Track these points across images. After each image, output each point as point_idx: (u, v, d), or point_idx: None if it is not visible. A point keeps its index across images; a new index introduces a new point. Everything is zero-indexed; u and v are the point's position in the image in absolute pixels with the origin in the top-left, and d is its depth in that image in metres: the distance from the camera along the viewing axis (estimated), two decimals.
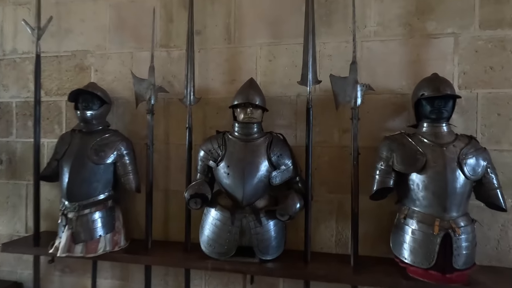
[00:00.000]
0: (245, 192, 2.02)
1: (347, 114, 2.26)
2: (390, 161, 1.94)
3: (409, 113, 2.20)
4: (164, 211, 2.56)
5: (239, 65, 2.43)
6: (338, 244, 2.31)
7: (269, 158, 2.07)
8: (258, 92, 2.15)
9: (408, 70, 2.20)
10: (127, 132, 2.57)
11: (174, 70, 2.54)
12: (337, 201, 2.31)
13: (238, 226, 2.02)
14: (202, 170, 2.19)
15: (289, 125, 2.36)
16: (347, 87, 2.06)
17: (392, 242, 1.99)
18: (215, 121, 2.46)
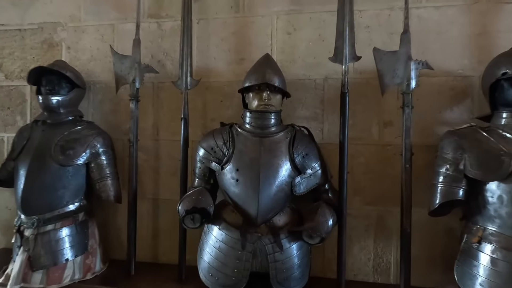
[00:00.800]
0: (261, 205, 1.49)
1: (389, 102, 1.75)
2: (460, 164, 1.42)
3: (472, 101, 1.68)
4: (153, 226, 2.03)
5: (249, 39, 1.91)
6: (376, 271, 1.79)
7: (292, 159, 1.55)
8: (277, 71, 1.63)
9: (472, 45, 1.69)
10: (106, 125, 2.03)
11: (166, 46, 2.01)
12: (375, 215, 1.79)
13: (250, 251, 1.49)
14: (201, 175, 1.65)
15: (313, 117, 1.84)
16: (397, 65, 1.54)
17: (458, 274, 1.47)
18: (218, 111, 1.93)
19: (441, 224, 1.69)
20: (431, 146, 1.68)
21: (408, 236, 1.53)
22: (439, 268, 1.70)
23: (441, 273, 1.70)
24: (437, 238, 1.71)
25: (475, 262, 1.41)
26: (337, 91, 1.78)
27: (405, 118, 1.53)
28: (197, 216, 1.44)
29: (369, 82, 1.77)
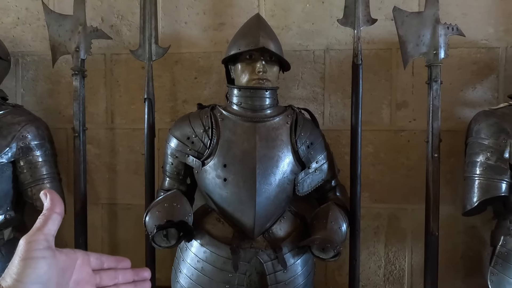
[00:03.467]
0: (258, 212, 1.13)
1: (403, 78, 1.45)
2: (505, 151, 1.15)
3: (497, 77, 1.43)
4: (109, 238, 1.59)
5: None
6: (388, 279, 1.51)
7: (295, 150, 1.20)
8: (273, 35, 1.25)
9: (497, 11, 1.43)
10: (42, 110, 1.55)
11: (122, 6, 1.55)
12: (387, 215, 1.50)
13: (244, 272, 1.13)
14: (174, 173, 1.25)
15: (312, 97, 1.50)
16: (423, 30, 1.23)
17: (494, 283, 1.22)
18: (192, 91, 1.53)
19: (460, 222, 1.44)
20: (452, 131, 1.42)
21: (436, 243, 1.25)
22: (460, 274, 1.46)
23: (463, 278, 1.46)
24: (457, 238, 1.46)
25: None
26: (341, 65, 1.47)
27: (432, 96, 1.24)
28: (173, 232, 1.04)
29: (378, 54, 1.46)
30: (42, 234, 0.45)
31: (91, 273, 0.52)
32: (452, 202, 1.43)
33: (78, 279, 0.49)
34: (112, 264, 0.55)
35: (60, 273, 0.47)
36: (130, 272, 0.56)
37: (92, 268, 0.52)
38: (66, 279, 0.48)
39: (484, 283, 1.26)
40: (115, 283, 0.54)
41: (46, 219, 0.47)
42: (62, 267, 0.47)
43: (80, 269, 0.50)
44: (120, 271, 0.55)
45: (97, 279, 0.52)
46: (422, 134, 1.36)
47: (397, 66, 1.44)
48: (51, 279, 0.45)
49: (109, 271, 0.54)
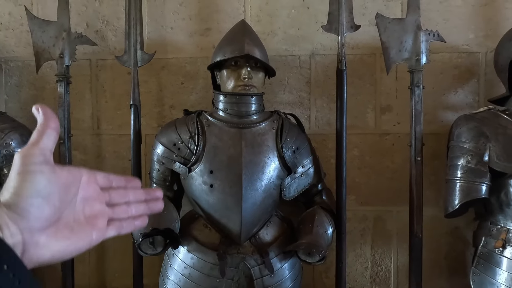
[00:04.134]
0: (245, 217, 1.14)
1: (387, 83, 1.48)
2: (484, 155, 1.18)
3: (478, 81, 1.47)
4: (96, 246, 1.57)
5: (216, 5, 1.51)
6: (375, 280, 1.54)
7: (281, 155, 1.21)
8: (258, 41, 1.26)
9: (477, 17, 1.46)
10: (26, 117, 1.54)
11: (107, 12, 1.54)
12: (372, 217, 1.52)
13: (231, 277, 1.13)
14: (161, 180, 1.25)
15: (298, 102, 1.51)
16: (405, 36, 1.26)
17: (476, 283, 1.25)
18: (178, 96, 1.53)
19: (444, 223, 1.47)
20: (435, 134, 1.45)
21: (420, 244, 1.28)
22: (444, 273, 1.49)
23: (447, 278, 1.49)
24: (441, 239, 1.49)
25: (499, 270, 1.20)
26: (326, 70, 1.49)
27: (414, 101, 1.27)
28: (159, 239, 1.04)
29: (363, 59, 1.49)
30: (38, 148, 0.42)
31: (99, 191, 0.49)
32: (436, 203, 1.46)
33: (85, 196, 0.46)
34: (121, 183, 0.52)
35: (63, 189, 0.43)
36: (141, 191, 0.53)
37: (100, 186, 0.49)
38: (70, 196, 0.45)
39: (467, 282, 1.29)
40: (126, 201, 0.51)
41: (40, 134, 0.43)
42: (64, 183, 0.44)
43: (87, 187, 0.47)
44: (130, 190, 0.52)
45: (106, 197, 0.49)
46: (406, 138, 1.39)
47: (381, 71, 1.47)
48: (53, 194, 0.42)
49: (119, 190, 0.51)
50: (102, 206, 0.48)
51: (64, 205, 0.44)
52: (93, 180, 0.48)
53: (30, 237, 0.39)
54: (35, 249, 0.40)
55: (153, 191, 0.55)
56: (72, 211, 0.45)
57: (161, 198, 0.55)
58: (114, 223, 0.49)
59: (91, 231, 0.46)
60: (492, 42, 1.41)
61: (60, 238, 0.42)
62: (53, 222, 0.42)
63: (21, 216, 0.39)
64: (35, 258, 0.40)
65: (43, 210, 0.40)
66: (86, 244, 0.46)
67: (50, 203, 0.41)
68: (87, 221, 0.46)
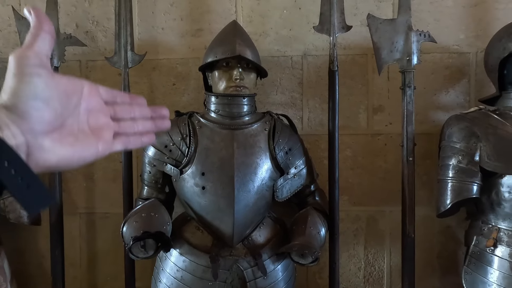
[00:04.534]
0: (237, 219, 1.13)
1: (378, 83, 1.48)
2: (475, 155, 1.18)
3: (469, 81, 1.48)
4: (87, 248, 1.56)
5: (207, 5, 1.50)
6: (368, 281, 1.54)
7: (273, 157, 1.20)
8: (249, 42, 1.26)
9: (467, 17, 1.47)
10: None
11: (96, 12, 1.52)
12: (365, 217, 1.53)
13: (224, 280, 1.13)
14: (152, 182, 1.24)
15: (291, 103, 1.51)
16: (396, 37, 1.26)
17: (468, 282, 1.26)
18: (170, 97, 1.52)
19: (436, 223, 1.48)
20: (426, 134, 1.45)
21: (412, 244, 1.28)
22: (436, 273, 1.50)
23: (439, 277, 1.50)
24: (433, 238, 1.50)
25: (490, 269, 1.20)
26: (318, 71, 1.49)
27: (406, 101, 1.27)
28: (150, 242, 1.03)
29: (355, 60, 1.49)
30: (33, 51, 0.40)
31: (103, 104, 0.47)
32: (428, 203, 1.47)
33: (88, 107, 0.45)
34: (126, 99, 0.50)
35: (63, 95, 0.42)
36: (147, 109, 0.51)
37: (104, 100, 0.47)
38: (72, 104, 0.43)
39: (459, 281, 1.29)
40: (131, 117, 0.50)
41: (34, 37, 0.41)
42: (64, 90, 0.42)
43: (89, 98, 0.45)
44: (136, 106, 0.50)
45: (111, 111, 0.48)
46: (398, 138, 1.39)
47: (373, 71, 1.47)
48: (52, 99, 0.40)
49: (124, 105, 0.49)
50: (107, 119, 0.47)
51: (67, 112, 0.42)
52: (96, 92, 0.46)
53: (33, 140, 0.38)
54: (40, 152, 0.39)
55: (159, 109, 0.53)
56: (75, 120, 0.43)
57: (168, 116, 0.53)
58: (120, 137, 0.48)
59: (97, 142, 0.45)
60: (482, 43, 1.42)
61: (65, 144, 0.41)
62: (56, 127, 0.41)
63: (22, 118, 0.38)
64: (41, 162, 0.39)
65: (43, 113, 0.39)
66: (92, 154, 0.45)
67: (51, 107, 0.40)
68: (92, 132, 0.45)
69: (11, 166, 0.35)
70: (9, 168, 0.35)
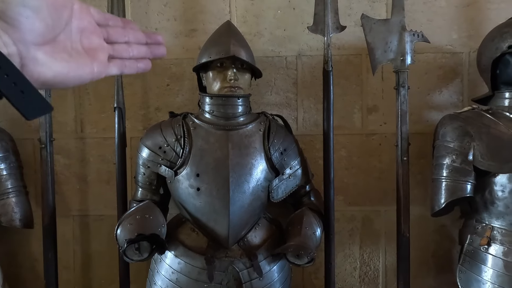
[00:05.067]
0: (232, 221, 1.12)
1: (373, 83, 1.48)
2: (468, 154, 1.19)
3: (462, 81, 1.49)
4: (81, 251, 1.55)
5: (201, 6, 1.50)
6: (363, 280, 1.54)
7: (269, 157, 1.20)
8: (244, 42, 1.25)
9: (460, 17, 1.48)
10: (5, 120, 1.49)
11: None
12: (361, 217, 1.53)
13: (220, 282, 1.12)
14: (146, 183, 1.23)
15: (285, 103, 1.51)
16: (390, 37, 1.26)
17: (462, 280, 1.27)
18: (164, 98, 1.51)
19: (431, 222, 1.48)
20: (420, 134, 1.46)
21: (407, 243, 1.29)
22: (431, 271, 1.51)
23: (434, 276, 1.50)
24: (428, 237, 1.51)
25: (484, 267, 1.21)
26: (313, 71, 1.49)
27: (400, 101, 1.27)
28: (145, 245, 1.02)
29: (349, 60, 1.49)
30: None
31: (95, 24, 0.45)
32: (423, 202, 1.47)
33: (80, 26, 0.43)
34: (118, 23, 0.48)
35: (53, 8, 0.40)
36: (141, 33, 0.50)
37: (96, 21, 0.45)
38: (63, 20, 0.41)
39: (454, 280, 1.30)
40: (125, 41, 0.48)
41: None
42: (53, 3, 0.40)
43: (80, 16, 0.43)
44: (129, 30, 0.49)
45: (104, 33, 0.46)
46: (392, 137, 1.39)
47: (367, 72, 1.47)
48: (42, 9, 0.38)
49: (117, 28, 0.48)
50: (100, 41, 0.46)
51: (58, 27, 0.41)
52: (87, 12, 0.45)
53: (25, 50, 0.38)
54: (34, 65, 0.38)
55: (153, 35, 0.51)
56: (68, 37, 0.42)
57: (163, 42, 0.52)
58: (116, 61, 0.47)
59: (92, 62, 0.44)
60: (475, 42, 1.43)
61: (59, 59, 0.41)
62: (48, 40, 0.40)
63: (12, 26, 0.37)
64: (36, 75, 0.39)
65: (34, 23, 0.38)
66: (87, 74, 0.44)
67: (41, 18, 0.39)
68: (86, 52, 0.44)
69: (3, 72, 0.35)
70: (1, 74, 0.35)
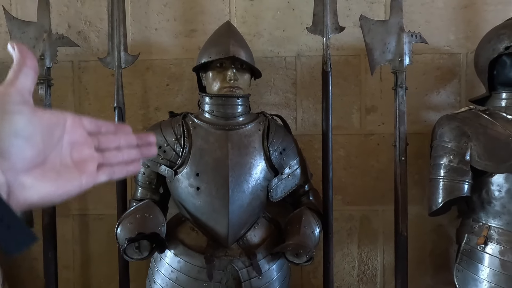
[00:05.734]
0: (232, 220, 1.13)
1: (371, 84, 1.50)
2: (466, 154, 1.20)
3: (459, 82, 1.50)
4: (81, 251, 1.55)
5: (201, 6, 1.50)
6: (362, 279, 1.55)
7: (268, 157, 1.21)
8: (243, 43, 1.26)
9: (457, 19, 1.50)
10: None
11: (89, 12, 1.51)
12: (359, 217, 1.54)
13: (219, 280, 1.13)
14: (146, 183, 1.23)
15: (284, 103, 1.52)
16: (388, 38, 1.28)
17: (459, 279, 1.28)
18: (164, 98, 1.51)
19: (428, 221, 1.50)
20: (418, 134, 1.47)
21: (405, 243, 1.30)
22: (429, 271, 1.52)
23: (431, 275, 1.52)
24: (425, 236, 1.52)
25: (481, 266, 1.22)
26: (312, 71, 1.50)
27: (398, 102, 1.28)
28: (145, 244, 1.03)
29: (348, 60, 1.50)
30: (14, 88, 0.39)
31: (86, 135, 0.46)
32: (420, 202, 1.49)
33: (71, 140, 0.44)
34: (111, 129, 0.49)
35: (46, 131, 0.40)
36: (133, 136, 0.51)
37: (88, 131, 0.46)
38: (55, 139, 0.42)
39: (451, 279, 1.31)
40: (116, 146, 0.49)
41: (16, 73, 0.40)
42: (47, 125, 0.41)
43: (72, 131, 0.44)
44: (121, 135, 0.50)
45: (95, 142, 0.47)
46: (390, 137, 1.41)
47: (366, 72, 1.48)
48: (35, 135, 0.39)
49: (108, 135, 0.49)
50: (90, 151, 0.46)
51: (49, 148, 0.41)
52: (79, 125, 0.46)
53: (14, 178, 0.37)
54: (22, 191, 0.38)
55: (145, 136, 0.52)
56: (58, 154, 0.42)
57: (154, 143, 0.53)
58: (104, 168, 0.47)
59: (80, 176, 0.44)
60: (472, 44, 1.44)
61: (47, 180, 0.40)
62: (38, 164, 0.40)
63: (2, 157, 0.36)
64: (22, 200, 0.38)
65: (25, 151, 0.38)
66: (75, 188, 0.44)
67: (33, 144, 0.39)
68: (75, 165, 0.44)
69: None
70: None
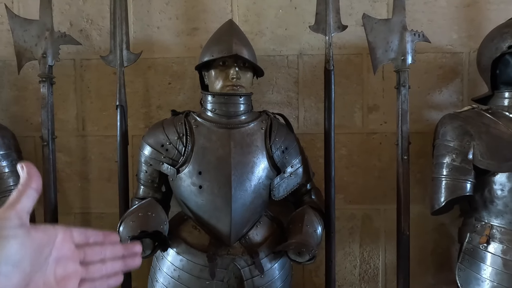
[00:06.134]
0: (234, 218, 1.13)
1: (373, 82, 1.49)
2: (468, 153, 1.20)
3: (462, 81, 1.50)
4: None
5: (203, 5, 1.50)
6: (363, 278, 1.55)
7: (270, 155, 1.21)
8: (246, 41, 1.26)
9: (460, 18, 1.49)
10: (7, 118, 1.50)
11: (91, 10, 1.51)
12: (361, 216, 1.54)
13: (221, 279, 1.13)
14: (148, 181, 1.23)
15: (286, 102, 1.52)
16: (391, 36, 1.27)
17: (462, 278, 1.28)
18: (166, 97, 1.51)
19: (430, 220, 1.50)
20: (420, 133, 1.47)
21: (407, 241, 1.30)
22: (430, 270, 1.52)
23: (433, 274, 1.52)
24: (427, 235, 1.52)
25: (483, 265, 1.22)
26: (314, 70, 1.50)
27: (400, 100, 1.28)
28: (147, 242, 1.03)
29: (350, 59, 1.50)
30: (14, 210, 0.41)
31: (73, 249, 0.47)
32: (422, 201, 1.49)
33: (58, 256, 0.44)
34: (99, 238, 0.50)
35: (36, 251, 0.42)
36: (119, 247, 0.52)
37: (76, 243, 0.47)
38: (43, 258, 0.43)
39: (453, 278, 1.31)
40: (101, 258, 0.50)
41: (20, 194, 0.42)
42: (38, 245, 0.42)
43: (61, 246, 0.45)
44: (108, 246, 0.51)
45: (81, 255, 0.48)
46: (392, 136, 1.41)
47: (368, 71, 1.48)
48: (24, 260, 0.40)
49: (95, 246, 0.50)
50: (75, 266, 0.47)
51: (35, 269, 0.42)
52: (69, 239, 0.47)
53: None
54: None
55: (131, 246, 0.54)
56: (42, 274, 0.43)
57: (139, 253, 0.54)
58: (86, 283, 0.48)
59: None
60: (475, 43, 1.44)
61: None
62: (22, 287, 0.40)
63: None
64: None
65: (11, 279, 0.38)
66: None
67: (20, 270, 0.39)
68: (57, 283, 0.44)
69: None
70: None
